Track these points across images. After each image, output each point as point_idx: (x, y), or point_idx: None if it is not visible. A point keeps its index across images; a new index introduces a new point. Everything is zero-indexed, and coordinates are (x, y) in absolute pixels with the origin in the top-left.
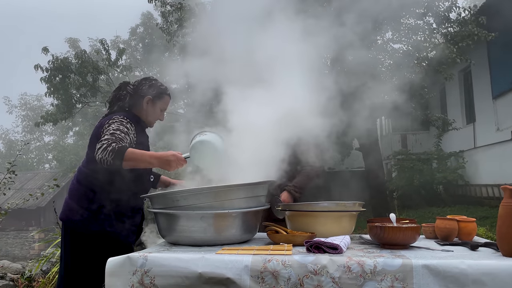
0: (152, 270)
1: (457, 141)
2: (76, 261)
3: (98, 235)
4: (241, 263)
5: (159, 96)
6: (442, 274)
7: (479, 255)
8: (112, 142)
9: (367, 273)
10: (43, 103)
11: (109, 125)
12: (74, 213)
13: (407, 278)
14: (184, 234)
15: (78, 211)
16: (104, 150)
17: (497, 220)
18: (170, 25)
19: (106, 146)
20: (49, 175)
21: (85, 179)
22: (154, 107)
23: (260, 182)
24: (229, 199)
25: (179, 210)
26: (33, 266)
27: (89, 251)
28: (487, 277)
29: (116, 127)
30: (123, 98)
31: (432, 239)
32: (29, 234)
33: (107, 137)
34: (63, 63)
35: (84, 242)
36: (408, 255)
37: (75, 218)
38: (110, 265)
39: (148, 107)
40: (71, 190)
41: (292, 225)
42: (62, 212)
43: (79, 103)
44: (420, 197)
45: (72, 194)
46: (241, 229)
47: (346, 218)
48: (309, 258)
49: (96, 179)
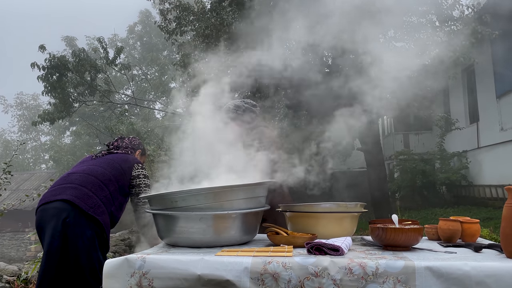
0: (151, 272)
1: (460, 141)
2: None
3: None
4: (241, 265)
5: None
6: (445, 276)
7: (482, 257)
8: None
9: (369, 275)
10: (40, 102)
11: (146, 177)
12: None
13: (410, 280)
14: (183, 236)
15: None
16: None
17: (501, 221)
18: (168, 23)
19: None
20: (46, 175)
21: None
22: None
23: (260, 183)
24: (228, 200)
25: (178, 211)
26: (30, 268)
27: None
28: (490, 279)
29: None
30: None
31: (435, 241)
32: (25, 236)
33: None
34: (60, 61)
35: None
36: (410, 256)
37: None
38: (108, 267)
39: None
40: (83, 196)
41: (293, 226)
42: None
43: (77, 102)
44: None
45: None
46: (241, 231)
47: (347, 219)
48: (310, 260)
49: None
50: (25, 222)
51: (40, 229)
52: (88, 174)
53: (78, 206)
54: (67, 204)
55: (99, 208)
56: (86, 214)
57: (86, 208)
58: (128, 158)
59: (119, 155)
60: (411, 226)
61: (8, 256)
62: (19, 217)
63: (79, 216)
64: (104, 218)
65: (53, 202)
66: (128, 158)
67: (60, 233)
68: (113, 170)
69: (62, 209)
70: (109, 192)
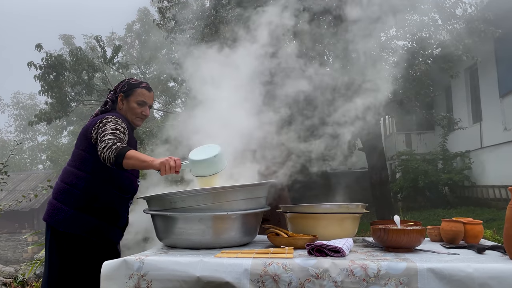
0: (149, 274)
1: (463, 141)
2: (63, 262)
3: (83, 235)
4: (241, 267)
5: (129, 91)
6: (447, 278)
7: (485, 259)
8: (116, 141)
9: (371, 277)
10: (37, 101)
11: (105, 125)
12: (58, 212)
13: (412, 282)
14: (182, 237)
15: (62, 210)
16: (109, 149)
17: (505, 222)
18: (167, 21)
19: (111, 144)
20: (43, 176)
21: (70, 178)
22: (128, 103)
23: (260, 183)
24: (228, 200)
25: (177, 212)
26: (26, 269)
27: (75, 251)
28: (494, 281)
29: (114, 126)
30: (105, 103)
31: (438, 242)
32: (22, 237)
33: (110, 136)
34: (57, 60)
35: (68, 242)
36: (412, 258)
37: (59, 217)
38: (106, 269)
39: (123, 105)
40: (55, 190)
41: (293, 228)
42: (46, 213)
43: (74, 102)
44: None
45: (57, 194)
46: (241, 232)
47: (348, 220)
48: (310, 261)
49: (85, 179)
50: (21, 223)
51: None
52: (59, 179)
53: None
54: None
55: (70, 218)
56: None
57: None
58: (91, 122)
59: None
60: (413, 227)
61: (4, 258)
62: (16, 218)
63: (56, 235)
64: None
65: None
66: (91, 123)
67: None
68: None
69: (47, 230)
70: (76, 167)
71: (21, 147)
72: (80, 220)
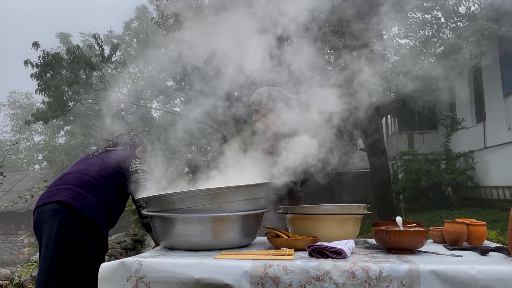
0: (148, 276)
1: (466, 141)
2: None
3: (102, 227)
4: (241, 269)
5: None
6: (450, 280)
7: (489, 260)
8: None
9: (372, 279)
10: (33, 101)
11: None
12: (85, 198)
13: (414, 284)
14: (180, 238)
15: (89, 198)
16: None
17: (508, 223)
18: (166, 19)
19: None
20: (39, 176)
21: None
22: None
23: (260, 184)
24: (227, 201)
25: (176, 213)
26: (22, 271)
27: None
28: (497, 283)
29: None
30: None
31: (440, 244)
32: (18, 238)
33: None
34: (54, 59)
35: (88, 226)
36: (415, 260)
37: (86, 203)
38: (103, 271)
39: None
40: (81, 181)
41: (294, 229)
42: (66, 197)
43: (71, 101)
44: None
45: (83, 184)
46: (240, 233)
47: (350, 222)
48: (311, 263)
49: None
50: (18, 224)
51: (37, 232)
52: (84, 174)
53: (73, 207)
54: (62, 205)
55: (95, 209)
56: (82, 215)
57: (81, 209)
58: (125, 154)
59: (117, 153)
60: (416, 229)
61: (0, 259)
62: (12, 219)
63: (75, 217)
64: (100, 219)
65: (49, 204)
66: (125, 155)
67: (56, 235)
68: (109, 168)
69: (58, 210)
70: (106, 191)
71: (17, 147)
72: (101, 215)
